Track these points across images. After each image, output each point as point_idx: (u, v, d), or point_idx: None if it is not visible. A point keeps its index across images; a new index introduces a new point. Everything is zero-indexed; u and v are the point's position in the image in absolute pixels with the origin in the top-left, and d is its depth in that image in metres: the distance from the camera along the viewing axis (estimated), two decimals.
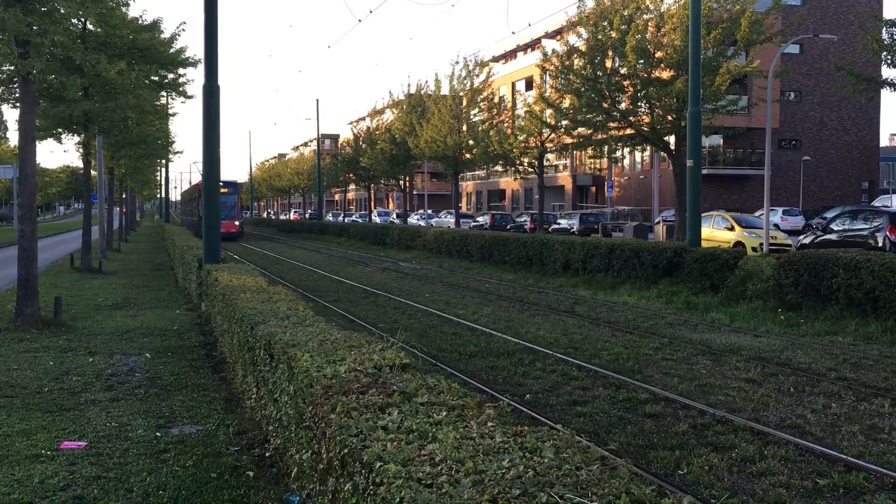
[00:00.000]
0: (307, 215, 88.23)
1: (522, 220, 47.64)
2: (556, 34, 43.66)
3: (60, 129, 22.50)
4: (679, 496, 2.82)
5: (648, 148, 36.49)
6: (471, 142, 42.86)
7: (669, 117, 26.50)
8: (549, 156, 47.62)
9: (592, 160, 55.47)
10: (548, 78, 36.19)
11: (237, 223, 52.85)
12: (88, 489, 5.73)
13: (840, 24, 49.14)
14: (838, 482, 6.29)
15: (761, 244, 23.58)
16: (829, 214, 32.07)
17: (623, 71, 27.58)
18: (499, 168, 45.80)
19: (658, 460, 6.85)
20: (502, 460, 3.09)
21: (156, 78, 21.22)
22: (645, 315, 15.92)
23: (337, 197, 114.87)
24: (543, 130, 37.38)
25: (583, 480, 2.89)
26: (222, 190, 48.00)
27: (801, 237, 25.14)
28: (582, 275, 21.94)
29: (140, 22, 19.98)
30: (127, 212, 54.41)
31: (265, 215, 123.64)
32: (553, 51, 32.03)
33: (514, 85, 65.83)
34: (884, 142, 62.73)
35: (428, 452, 3.23)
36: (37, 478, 5.93)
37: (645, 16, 27.43)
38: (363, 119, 73.81)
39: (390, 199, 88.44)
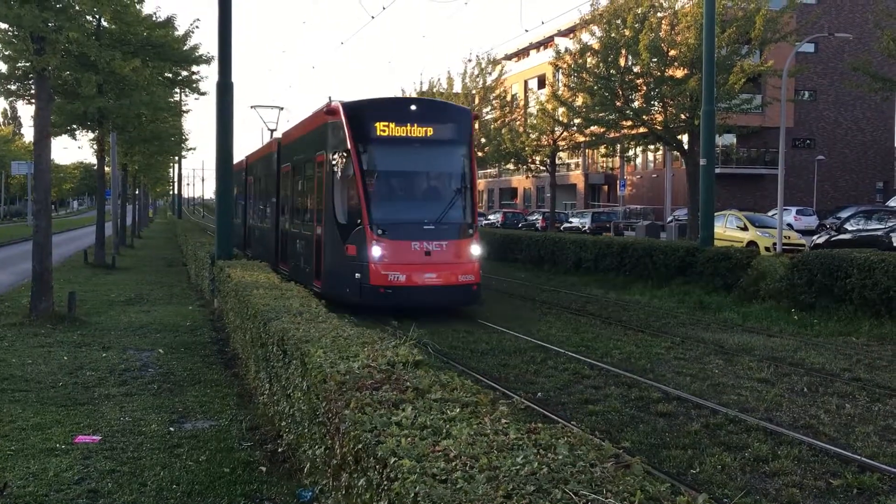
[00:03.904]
0: None
1: (534, 218, 47.59)
2: (570, 32, 43.57)
3: (75, 126, 22.63)
4: (694, 495, 2.81)
5: (661, 147, 36.38)
6: (483, 140, 42.85)
7: (683, 116, 26.41)
8: (562, 154, 47.54)
9: (605, 159, 55.39)
10: (560, 76, 36.17)
11: (474, 250, 15.34)
12: (103, 483, 5.77)
13: (855, 22, 48.82)
14: (852, 482, 6.26)
15: (774, 244, 23.46)
16: (844, 214, 31.90)
17: (636, 69, 27.52)
18: (511, 166, 45.81)
19: (670, 459, 6.83)
20: (516, 457, 3.09)
21: (169, 75, 21.30)
22: (657, 314, 15.86)
23: None
24: (556, 128, 37.36)
25: (597, 477, 2.89)
26: (421, 131, 15.09)
27: (815, 237, 25.04)
28: (594, 273, 21.89)
29: (154, 19, 20.06)
30: (140, 208, 54.29)
31: None
32: (566, 49, 32.00)
33: (526, 83, 65.74)
34: None
35: (442, 448, 3.23)
36: (52, 471, 5.97)
37: (659, 14, 27.36)
38: None
39: None
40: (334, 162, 15.36)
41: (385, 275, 14.28)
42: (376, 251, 14.30)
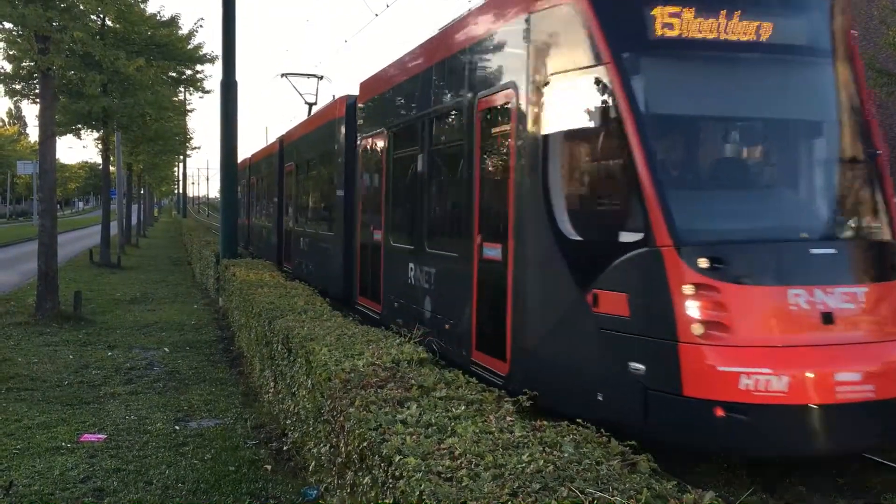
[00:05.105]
0: None
1: None
2: None
3: (80, 125, 22.66)
4: (700, 493, 2.80)
5: None
6: None
7: None
8: None
9: None
10: None
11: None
12: (108, 481, 5.77)
13: (860, 19, 48.67)
14: (859, 480, 6.22)
15: None
16: None
17: None
18: None
19: (676, 457, 6.80)
20: (522, 455, 3.08)
21: (174, 74, 21.36)
22: None
23: None
24: None
25: (603, 475, 2.88)
26: (753, 29, 6.20)
27: None
28: None
29: (158, 18, 20.14)
30: (145, 207, 54.32)
31: None
32: None
33: None
34: None
35: (447, 446, 3.23)
36: (57, 470, 5.97)
37: None
38: None
39: None
40: (547, 100, 6.75)
41: (730, 374, 5.59)
42: (698, 310, 5.68)
